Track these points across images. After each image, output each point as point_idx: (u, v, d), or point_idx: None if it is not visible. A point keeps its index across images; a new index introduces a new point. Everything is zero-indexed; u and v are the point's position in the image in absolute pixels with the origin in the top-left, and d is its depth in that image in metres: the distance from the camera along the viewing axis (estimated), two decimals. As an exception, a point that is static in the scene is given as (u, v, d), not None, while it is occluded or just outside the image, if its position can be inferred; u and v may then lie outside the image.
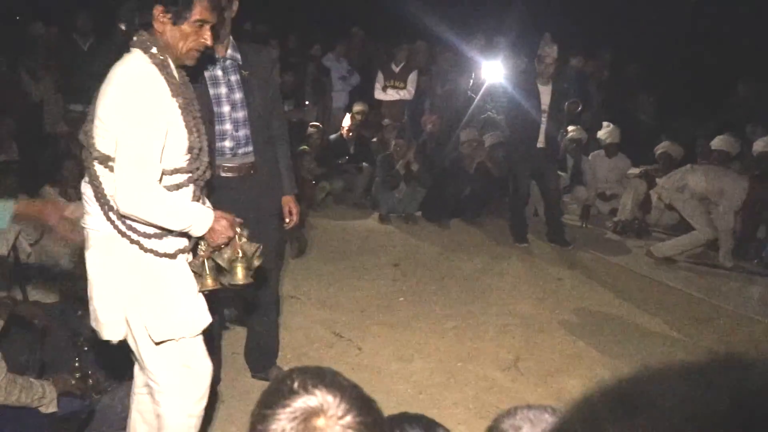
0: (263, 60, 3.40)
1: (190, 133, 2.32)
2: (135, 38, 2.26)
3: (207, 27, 2.30)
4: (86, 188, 2.32)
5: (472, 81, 8.45)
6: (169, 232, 2.29)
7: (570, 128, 7.71)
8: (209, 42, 2.33)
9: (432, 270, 5.68)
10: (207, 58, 3.14)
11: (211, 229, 2.28)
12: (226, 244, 2.34)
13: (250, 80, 3.27)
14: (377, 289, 5.19)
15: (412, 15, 9.08)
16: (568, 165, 7.80)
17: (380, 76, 8.51)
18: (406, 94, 8.48)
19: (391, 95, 8.48)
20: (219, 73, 3.21)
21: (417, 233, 6.76)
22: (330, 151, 7.87)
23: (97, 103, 2.23)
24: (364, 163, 7.74)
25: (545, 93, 6.24)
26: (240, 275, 2.36)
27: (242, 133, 3.25)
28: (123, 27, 2.30)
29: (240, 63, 3.25)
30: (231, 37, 3.22)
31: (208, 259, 2.36)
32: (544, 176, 6.54)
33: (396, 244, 6.37)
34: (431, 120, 7.86)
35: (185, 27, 2.25)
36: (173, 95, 2.24)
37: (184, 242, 2.36)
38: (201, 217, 2.27)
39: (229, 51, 3.23)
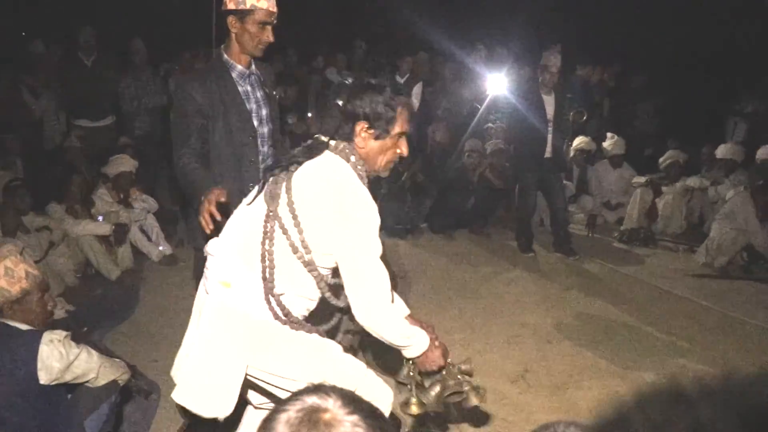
0: (269, 75, 3.43)
1: None
2: (332, 144, 2.30)
3: (404, 137, 2.36)
4: (227, 254, 2.29)
5: (476, 92, 8.44)
6: (318, 322, 2.35)
7: (578, 139, 7.70)
8: (405, 153, 2.39)
9: (438, 281, 5.65)
10: (238, 73, 3.17)
11: (425, 355, 2.36)
12: (436, 372, 2.42)
13: (270, 95, 3.31)
14: (383, 301, 5.15)
15: (414, 26, 9.09)
16: (574, 175, 7.79)
17: (385, 88, 8.50)
18: (411, 107, 8.48)
19: (396, 108, 8.47)
20: (249, 88, 3.24)
21: (423, 244, 6.73)
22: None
23: (299, 189, 2.22)
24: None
25: (549, 103, 6.23)
26: (474, 399, 2.46)
27: (266, 147, 3.30)
28: (325, 138, 2.34)
29: (262, 78, 3.28)
30: None
31: (414, 384, 2.44)
32: (549, 186, 6.52)
33: (402, 256, 6.34)
34: (439, 129, 7.85)
35: (387, 141, 2.31)
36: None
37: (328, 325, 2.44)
38: (419, 340, 2.34)
39: (252, 66, 3.25)
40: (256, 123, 3.24)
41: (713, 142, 7.97)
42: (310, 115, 8.90)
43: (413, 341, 2.32)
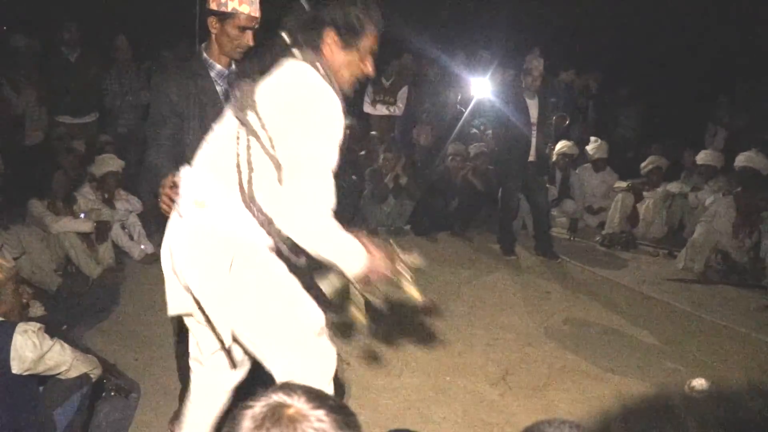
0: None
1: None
2: (297, 53, 2.21)
3: (370, 57, 2.30)
4: (198, 175, 2.23)
5: (460, 95, 8.48)
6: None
7: (561, 143, 7.75)
8: (371, 72, 2.32)
9: (420, 283, 5.63)
10: (217, 73, 3.15)
11: (369, 268, 2.20)
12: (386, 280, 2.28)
13: None
14: (365, 302, 5.15)
15: (398, 29, 9.10)
16: (557, 179, 7.84)
17: (369, 90, 8.51)
18: (396, 110, 8.48)
19: (380, 110, 8.47)
20: (227, 88, 3.22)
21: (405, 247, 6.70)
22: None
23: (264, 95, 2.13)
24: (352, 177, 7.72)
25: (533, 106, 6.28)
26: (416, 294, 2.41)
27: None
28: (286, 37, 2.24)
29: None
30: None
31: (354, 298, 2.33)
32: (533, 190, 6.56)
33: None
34: (423, 131, 7.88)
35: (352, 55, 2.25)
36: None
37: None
38: (356, 252, 2.17)
39: (232, 66, 3.24)
40: None
41: (693, 148, 8.07)
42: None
43: (350, 253, 2.17)
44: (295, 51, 2.22)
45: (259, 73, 2.21)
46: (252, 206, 2.15)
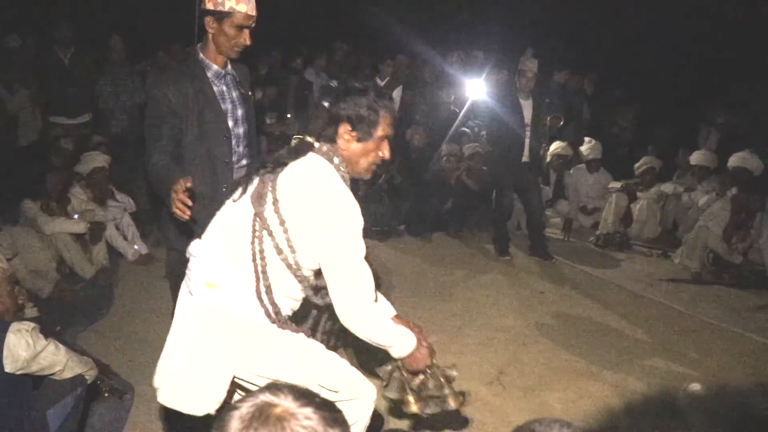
0: (245, 75, 3.42)
1: None
2: (316, 146, 2.32)
3: (387, 141, 2.37)
4: (211, 255, 2.29)
5: (453, 96, 8.49)
6: (302, 320, 2.36)
7: (555, 144, 7.77)
8: (387, 156, 2.40)
9: (414, 284, 5.66)
10: (214, 73, 3.16)
11: (412, 356, 2.36)
12: (423, 372, 2.42)
13: (245, 95, 3.30)
14: (360, 303, 5.16)
15: (394, 30, 9.11)
16: (551, 179, 7.86)
17: (365, 90, 8.52)
18: (389, 109, 8.50)
19: (374, 110, 8.50)
20: (224, 88, 3.22)
21: (399, 247, 6.75)
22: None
23: (285, 189, 2.23)
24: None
25: (527, 107, 6.29)
26: (453, 403, 2.46)
27: (242, 147, 3.29)
28: (309, 139, 2.36)
29: (237, 79, 3.27)
30: None
31: (407, 384, 2.44)
32: (527, 190, 6.58)
33: (378, 258, 6.35)
34: (417, 132, 7.88)
35: (369, 144, 2.33)
36: None
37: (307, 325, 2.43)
38: (405, 340, 2.34)
39: (228, 66, 3.24)
40: (231, 123, 3.23)
41: (687, 149, 8.10)
42: (288, 115, 8.90)
43: (398, 341, 2.33)
44: (314, 144, 2.33)
45: (276, 163, 2.30)
46: (264, 297, 2.24)
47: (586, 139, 8.02)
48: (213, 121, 3.17)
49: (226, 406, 1.22)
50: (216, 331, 2.22)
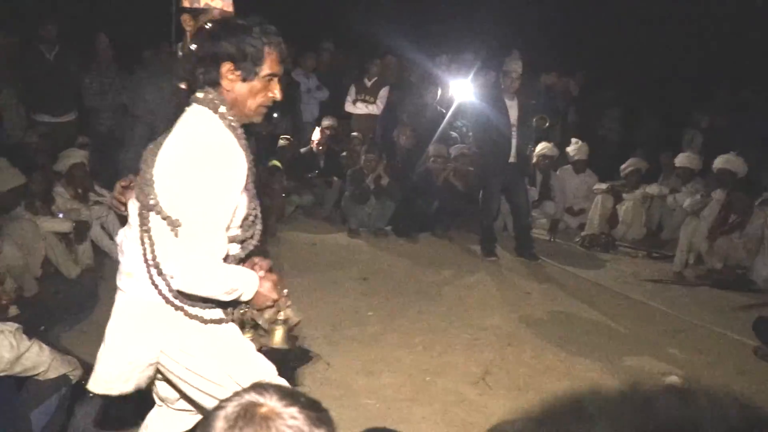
0: None
1: (250, 200, 2.24)
2: (200, 95, 2.15)
3: (276, 80, 2.20)
4: (129, 246, 2.23)
5: (439, 95, 8.50)
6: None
7: (541, 144, 7.80)
8: (279, 96, 2.23)
9: (401, 284, 5.67)
10: None
11: (257, 293, 2.20)
12: (270, 306, 2.30)
13: None
14: (346, 303, 5.16)
15: (380, 30, 9.11)
16: (537, 180, 7.89)
17: (352, 90, 8.54)
18: (374, 108, 8.50)
19: (360, 109, 8.50)
20: None
21: (386, 247, 6.75)
22: (300, 164, 7.86)
23: (163, 160, 2.09)
24: (334, 177, 7.74)
25: (512, 108, 6.32)
26: (278, 338, 2.37)
27: None
28: (182, 86, 2.21)
29: None
30: None
31: (250, 319, 2.34)
32: (513, 191, 6.60)
33: (365, 258, 6.35)
34: (404, 133, 7.90)
35: (255, 83, 2.14)
36: (245, 160, 2.13)
37: (228, 308, 2.27)
38: (248, 282, 2.17)
39: None
40: None
41: (671, 151, 8.16)
42: (275, 115, 8.86)
43: (243, 286, 2.15)
44: (197, 94, 2.16)
45: (167, 131, 2.17)
46: (158, 280, 2.15)
47: (573, 140, 8.06)
48: None
49: (213, 406, 1.21)
50: (134, 319, 2.21)
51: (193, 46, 2.19)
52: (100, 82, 7.41)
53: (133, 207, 2.23)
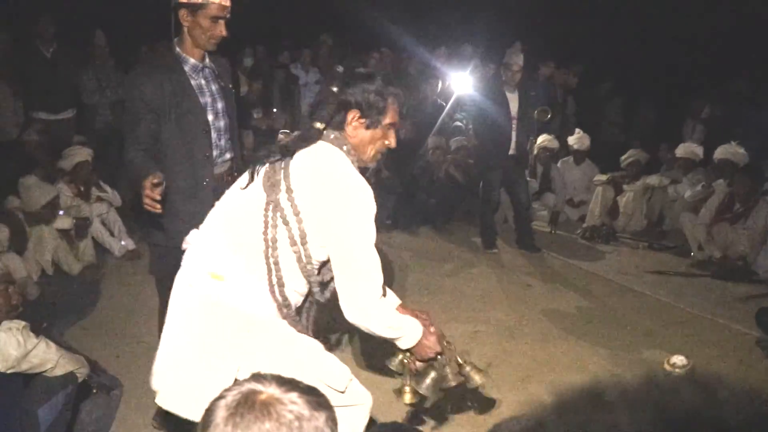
0: (225, 68, 3.39)
1: None
2: (331, 135, 2.26)
3: (393, 130, 2.34)
4: (216, 247, 2.24)
5: (439, 88, 8.49)
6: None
7: (541, 137, 7.79)
8: (393, 144, 2.38)
9: (402, 277, 5.67)
10: (191, 67, 3.13)
11: (420, 344, 2.31)
12: (433, 359, 2.38)
13: (226, 88, 3.27)
14: (348, 297, 5.15)
15: (379, 23, 9.09)
16: (538, 172, 7.88)
17: (350, 83, 8.51)
18: (374, 102, 8.50)
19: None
20: (203, 82, 3.19)
21: (386, 241, 6.74)
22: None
23: (299, 179, 2.18)
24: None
25: (513, 100, 6.30)
26: (478, 379, 2.48)
27: (223, 141, 3.26)
28: (318, 125, 2.29)
29: (216, 72, 3.24)
30: None
31: (417, 372, 2.41)
32: (514, 183, 6.59)
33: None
34: (404, 126, 7.88)
35: (377, 131, 2.29)
36: None
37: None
38: (412, 329, 2.29)
39: (206, 60, 3.21)
40: (211, 117, 3.20)
41: (672, 142, 8.14)
42: (275, 110, 8.86)
43: (405, 332, 2.28)
44: (328, 134, 2.27)
45: (285, 151, 2.24)
46: (276, 290, 2.19)
47: (576, 130, 8.06)
48: (191, 115, 3.13)
49: (214, 397, 1.21)
50: (221, 327, 2.15)
51: (334, 89, 2.30)
52: (98, 79, 7.39)
53: (234, 207, 2.29)
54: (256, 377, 1.21)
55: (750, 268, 6.02)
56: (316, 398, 1.19)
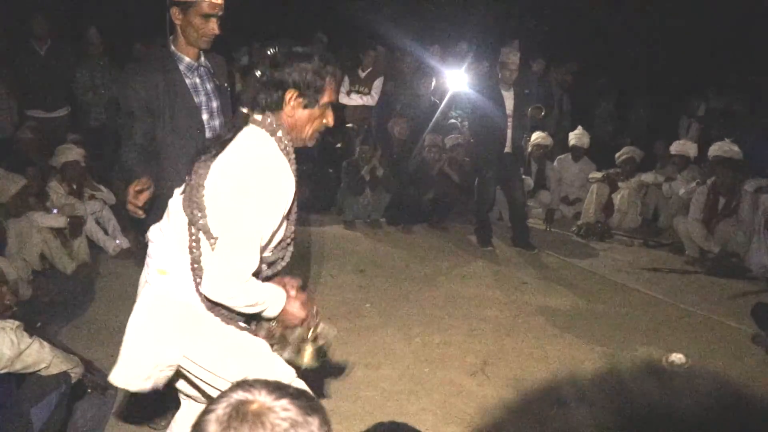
0: (220, 66, 3.37)
1: (290, 223, 2.31)
2: (259, 118, 2.21)
3: (331, 108, 2.30)
4: (164, 243, 2.25)
5: (433, 86, 8.48)
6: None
7: (535, 134, 7.80)
8: (331, 123, 2.32)
9: (398, 276, 5.66)
10: (186, 66, 3.12)
11: (284, 311, 2.26)
12: (299, 325, 2.33)
13: (221, 87, 3.26)
14: (343, 295, 5.16)
15: (374, 21, 9.08)
16: (533, 170, 7.89)
17: (346, 81, 8.48)
18: (369, 99, 8.47)
19: (355, 100, 8.47)
20: (197, 81, 3.17)
21: (382, 239, 6.74)
22: (294, 156, 7.82)
23: (215, 175, 2.13)
24: (329, 169, 7.72)
25: (508, 98, 6.31)
26: (307, 357, 2.36)
27: None
28: (245, 110, 2.24)
29: (212, 71, 3.23)
30: None
31: (279, 335, 2.34)
32: (509, 181, 6.60)
33: (361, 250, 6.34)
34: (398, 124, 7.88)
35: (315, 110, 2.24)
36: (294, 185, 2.20)
37: (253, 322, 2.34)
38: (275, 299, 2.24)
39: (201, 58, 3.19)
40: (206, 116, 3.18)
41: (667, 139, 8.16)
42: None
43: (269, 302, 2.22)
44: (256, 117, 2.22)
45: (219, 146, 2.20)
46: (198, 275, 2.17)
47: (578, 127, 8.10)
48: (186, 114, 3.12)
49: (203, 410, 1.19)
50: (163, 318, 2.19)
51: (258, 73, 2.23)
52: (92, 77, 7.37)
53: (173, 205, 2.28)
54: (244, 385, 1.19)
55: (743, 264, 6.05)
56: (307, 402, 1.18)
